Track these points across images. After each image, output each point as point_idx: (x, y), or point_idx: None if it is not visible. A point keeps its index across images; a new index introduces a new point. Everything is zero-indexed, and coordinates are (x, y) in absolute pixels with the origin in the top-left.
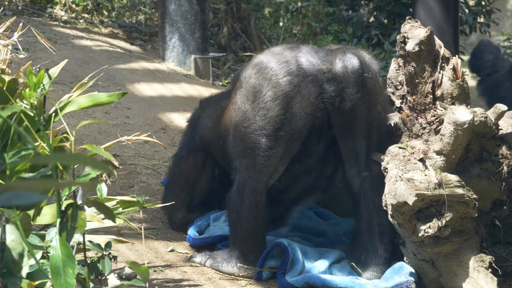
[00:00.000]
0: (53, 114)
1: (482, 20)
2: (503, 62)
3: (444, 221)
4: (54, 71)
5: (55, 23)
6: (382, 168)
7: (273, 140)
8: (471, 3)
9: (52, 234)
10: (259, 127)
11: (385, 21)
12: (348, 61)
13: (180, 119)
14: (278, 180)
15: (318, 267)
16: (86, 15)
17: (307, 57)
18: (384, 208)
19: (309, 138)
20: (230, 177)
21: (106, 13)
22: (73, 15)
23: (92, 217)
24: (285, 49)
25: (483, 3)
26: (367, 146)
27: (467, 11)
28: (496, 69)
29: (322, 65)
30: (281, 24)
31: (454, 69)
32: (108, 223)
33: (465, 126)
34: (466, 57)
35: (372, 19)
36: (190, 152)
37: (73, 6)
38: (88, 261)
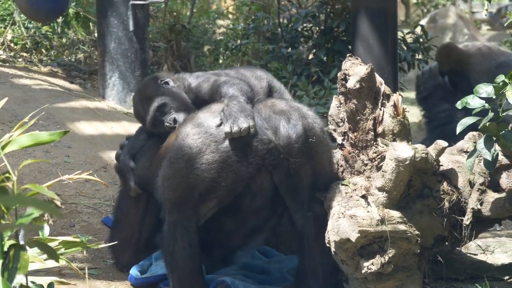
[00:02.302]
0: None
1: (420, 56)
2: (458, 113)
3: (387, 258)
4: None
5: None
6: (325, 205)
7: (204, 196)
8: (409, 40)
9: None
10: (192, 185)
11: (325, 58)
12: (292, 129)
13: None
14: (228, 219)
15: None
16: (25, 54)
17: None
18: (328, 245)
19: (254, 181)
20: None
21: (45, 51)
22: (12, 53)
23: (33, 258)
24: None
25: (421, 40)
26: (311, 195)
27: (405, 48)
28: (451, 120)
29: (263, 135)
30: (221, 61)
31: (395, 106)
32: (49, 263)
33: (407, 162)
34: (405, 94)
35: (311, 56)
36: None
37: (12, 44)
38: None
